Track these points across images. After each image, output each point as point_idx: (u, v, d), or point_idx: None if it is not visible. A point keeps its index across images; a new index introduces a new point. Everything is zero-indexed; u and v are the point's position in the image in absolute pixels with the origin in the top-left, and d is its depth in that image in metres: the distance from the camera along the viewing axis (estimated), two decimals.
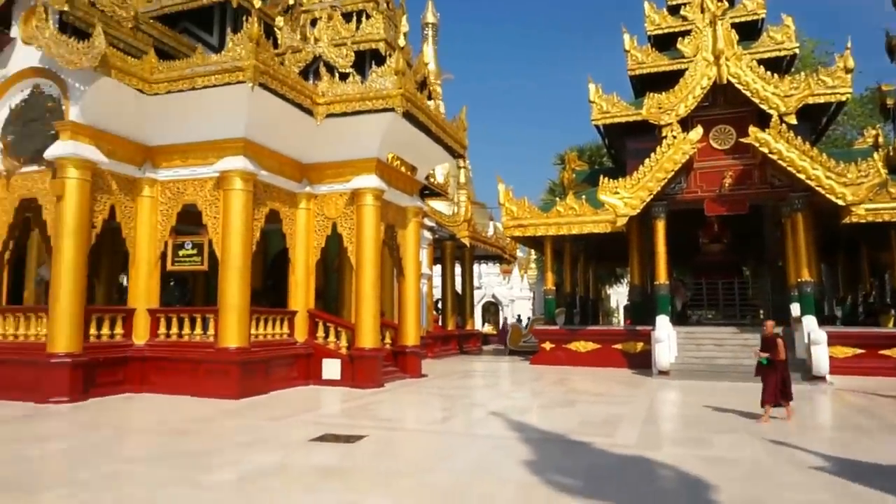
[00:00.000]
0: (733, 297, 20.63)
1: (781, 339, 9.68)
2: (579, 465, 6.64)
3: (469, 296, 30.16)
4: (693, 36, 19.63)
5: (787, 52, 20.35)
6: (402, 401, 11.89)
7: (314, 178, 14.31)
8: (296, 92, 12.49)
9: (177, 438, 8.09)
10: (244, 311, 12.20)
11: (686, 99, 17.19)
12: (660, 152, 17.02)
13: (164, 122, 12.57)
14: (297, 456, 7.04)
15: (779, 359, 9.46)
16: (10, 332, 12.18)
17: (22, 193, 12.31)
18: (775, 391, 9.35)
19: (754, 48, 20.11)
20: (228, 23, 15.43)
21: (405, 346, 15.75)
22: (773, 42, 20.39)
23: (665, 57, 21.74)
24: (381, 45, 15.16)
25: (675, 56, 21.24)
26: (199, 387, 11.76)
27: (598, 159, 35.24)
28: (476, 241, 27.60)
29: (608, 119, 20.96)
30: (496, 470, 6.57)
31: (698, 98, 17.12)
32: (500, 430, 8.65)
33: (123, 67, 11.44)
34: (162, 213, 12.96)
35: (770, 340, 9.61)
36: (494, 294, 45.70)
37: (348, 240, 13.96)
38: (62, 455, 7.27)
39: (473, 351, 27.84)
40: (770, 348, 9.54)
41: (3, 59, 12.30)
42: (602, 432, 8.47)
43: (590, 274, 27.69)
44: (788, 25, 20.43)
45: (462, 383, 15.39)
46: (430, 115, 14.33)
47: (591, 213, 19.49)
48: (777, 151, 15.61)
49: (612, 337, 19.51)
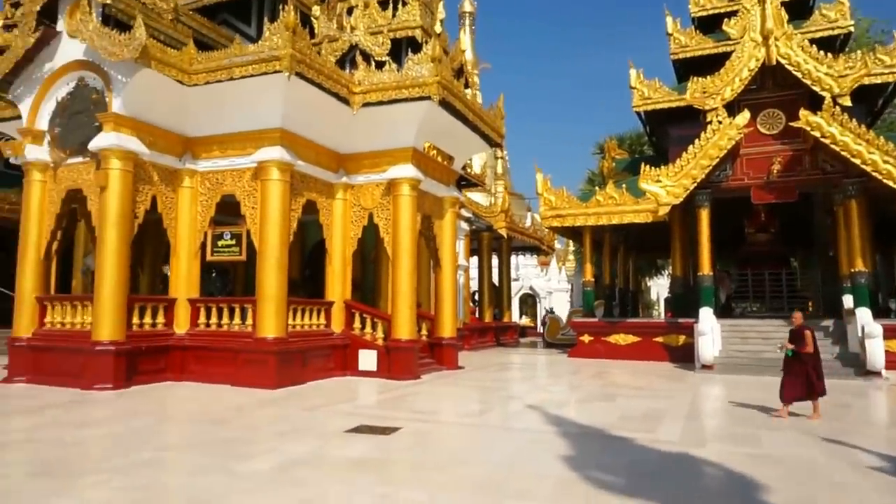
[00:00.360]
0: (781, 288, 19.92)
1: (810, 330, 9.15)
2: (620, 461, 6.42)
3: (506, 287, 29.90)
4: (740, 16, 18.85)
5: (841, 30, 19.40)
6: (438, 393, 11.79)
7: (351, 168, 14.27)
8: (332, 81, 12.44)
9: (214, 427, 8.14)
10: (281, 302, 12.26)
11: (732, 82, 16.55)
12: (704, 138, 16.45)
13: (203, 112, 12.68)
14: (331, 447, 6.99)
15: (806, 351, 8.98)
16: (58, 321, 12.53)
17: (68, 184, 12.60)
18: (799, 386, 8.89)
19: (805, 27, 19.25)
20: (266, 13, 15.48)
21: (441, 338, 15.65)
22: (826, 20, 19.47)
23: (710, 39, 20.99)
24: (418, 33, 14.99)
25: (721, 38, 20.47)
26: (238, 376, 11.89)
27: (638, 148, 34.47)
28: (513, 232, 27.30)
29: (650, 105, 20.37)
30: (533, 464, 6.40)
31: (745, 81, 16.46)
32: (538, 423, 8.46)
33: (163, 59, 11.55)
34: (201, 203, 13.10)
35: (798, 332, 9.14)
36: (532, 286, 45.24)
37: (385, 230, 13.90)
38: (102, 441, 7.38)
39: (510, 343, 27.62)
40: (797, 340, 9.07)
41: (50, 52, 12.57)
42: (643, 428, 8.20)
43: (629, 265, 27.09)
44: (843, 2, 19.45)
45: (499, 376, 15.23)
46: (466, 103, 14.12)
47: (632, 202, 19.04)
48: (830, 135, 14.91)
49: (653, 330, 19.06)
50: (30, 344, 12.48)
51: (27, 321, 12.68)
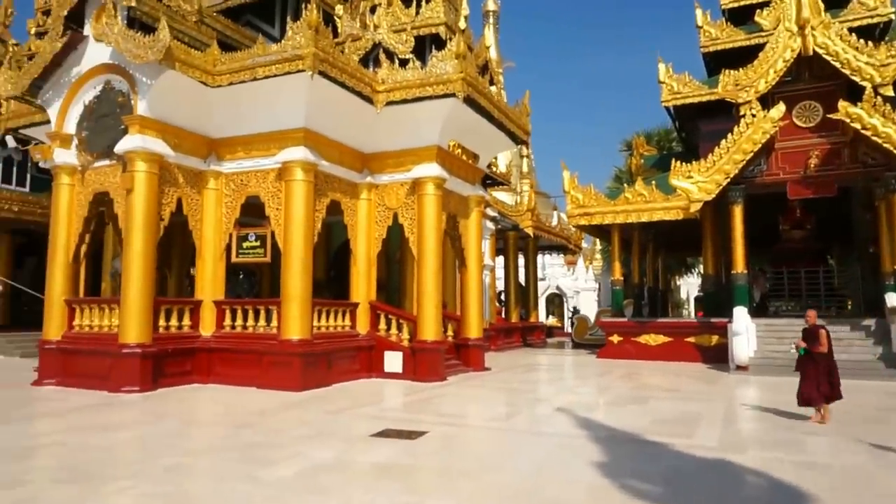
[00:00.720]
0: (818, 286, 19.24)
1: (824, 329, 8.68)
2: (656, 467, 6.13)
3: (532, 287, 29.55)
4: (773, 6, 18.31)
5: (881, 18, 18.67)
6: (464, 395, 11.58)
7: (375, 167, 14.14)
8: (355, 80, 12.31)
9: (239, 431, 8.04)
10: (306, 303, 12.17)
11: (766, 74, 16.02)
12: (737, 132, 15.95)
13: (227, 114, 12.66)
14: (356, 452, 6.83)
15: (819, 351, 8.53)
16: (86, 323, 12.61)
17: (95, 188, 12.68)
18: (814, 387, 8.44)
19: (843, 16, 18.58)
20: (290, 13, 15.43)
21: (468, 339, 15.43)
22: (865, 8, 18.76)
23: (741, 31, 20.42)
24: (442, 30, 14.81)
25: (753, 30, 19.91)
26: (263, 378, 11.82)
27: (666, 144, 33.76)
28: (540, 231, 26.95)
29: (679, 100, 19.89)
30: (565, 471, 6.14)
31: (780, 72, 15.93)
32: (568, 427, 8.20)
33: (187, 60, 11.54)
34: (226, 205, 13.09)
35: (811, 331, 8.69)
36: (559, 285, 44.77)
37: (409, 230, 13.73)
38: (127, 445, 7.33)
39: (537, 344, 27.27)
40: (811, 339, 8.64)
41: (78, 56, 12.65)
42: (679, 432, 7.88)
43: (659, 264, 26.57)
44: None
45: (526, 377, 14.96)
46: (491, 100, 13.89)
47: (662, 199, 18.58)
48: (871, 127, 14.32)
49: (685, 330, 18.58)
50: (59, 346, 12.58)
51: (57, 324, 12.78)
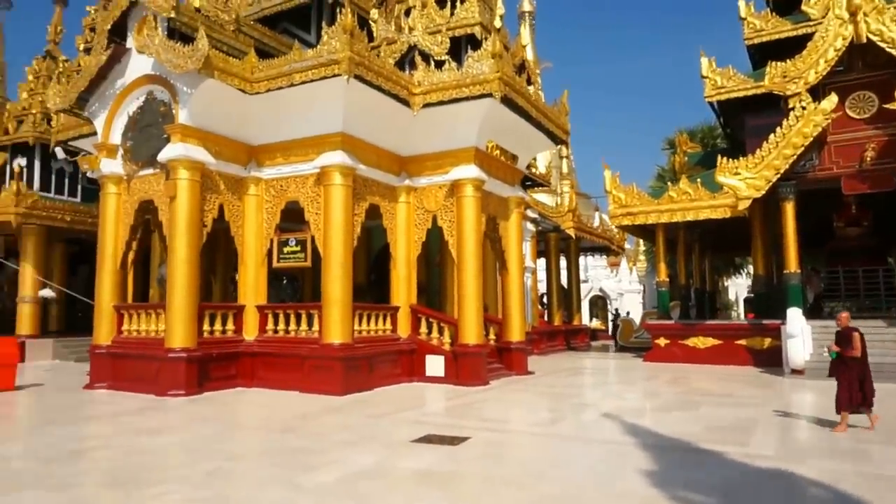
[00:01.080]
0: (877, 286, 18.33)
1: (858, 332, 8.12)
2: (710, 478, 5.82)
3: (575, 289, 29.09)
4: None
5: None
6: (507, 400, 11.37)
7: (413, 170, 14.07)
8: (391, 82, 12.27)
9: (281, 435, 8.03)
10: (346, 307, 12.15)
11: (816, 64, 15.37)
12: (786, 126, 15.34)
13: (265, 120, 12.77)
14: (398, 457, 6.71)
15: (852, 355, 7.99)
16: (134, 329, 12.87)
17: (140, 196, 12.95)
18: (851, 393, 7.92)
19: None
20: (325, 19, 15.51)
21: (510, 342, 15.20)
22: None
23: (787, 21, 19.70)
24: (477, 30, 14.68)
25: (800, 19, 19.21)
26: (305, 382, 11.85)
27: (710, 141, 32.86)
28: (581, 233, 26.51)
29: (723, 94, 19.28)
30: (613, 480, 5.89)
31: (831, 62, 15.26)
32: (615, 434, 7.91)
33: (225, 68, 11.69)
34: (267, 210, 13.20)
35: (845, 334, 8.16)
36: (602, 287, 44.01)
37: (449, 233, 13.61)
38: (171, 449, 7.37)
39: (581, 347, 26.81)
40: (843, 343, 8.11)
41: (122, 69, 12.96)
42: (733, 440, 7.51)
43: (705, 264, 25.81)
44: None
45: (571, 381, 14.64)
46: (529, 100, 13.67)
47: (708, 197, 18.02)
48: None
49: (735, 332, 17.95)
50: (109, 351, 12.88)
51: (106, 329, 13.09)
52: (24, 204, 19.17)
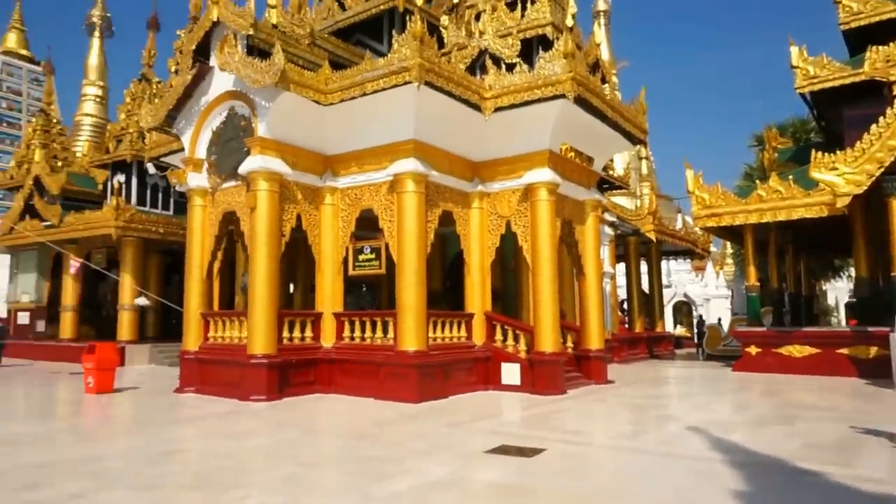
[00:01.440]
0: None
1: None
2: (809, 502, 5.32)
3: (657, 295, 27.98)
4: None
5: None
6: (585, 410, 10.98)
7: (485, 175, 13.93)
8: (462, 88, 12.20)
9: (356, 442, 8.06)
10: (421, 314, 12.14)
11: None
12: (890, 115, 14.12)
13: (339, 130, 13.00)
14: (471, 469, 6.55)
15: None
16: (219, 335, 13.38)
17: (224, 207, 13.46)
18: None
19: None
20: (397, 28, 15.69)
21: (588, 350, 14.74)
22: None
23: (889, 2, 18.20)
24: (549, 30, 14.37)
25: None
26: (381, 389, 11.91)
27: (803, 135, 30.86)
28: (663, 236, 25.48)
29: (817, 84, 17.97)
30: (700, 501, 5.49)
31: None
32: (702, 450, 7.42)
33: (301, 81, 11.97)
34: (342, 219, 13.42)
35: None
36: (686, 293, 42.18)
37: (523, 238, 13.37)
38: (251, 453, 7.53)
39: (665, 355, 25.74)
40: None
41: (205, 87, 13.57)
42: (836, 460, 6.88)
43: (800, 267, 24.16)
44: None
45: (653, 391, 14.01)
46: (604, 99, 13.23)
47: (801, 194, 16.81)
48: None
49: (836, 340, 16.64)
50: (197, 357, 13.44)
51: (194, 336, 13.68)
52: (123, 218, 20.44)
